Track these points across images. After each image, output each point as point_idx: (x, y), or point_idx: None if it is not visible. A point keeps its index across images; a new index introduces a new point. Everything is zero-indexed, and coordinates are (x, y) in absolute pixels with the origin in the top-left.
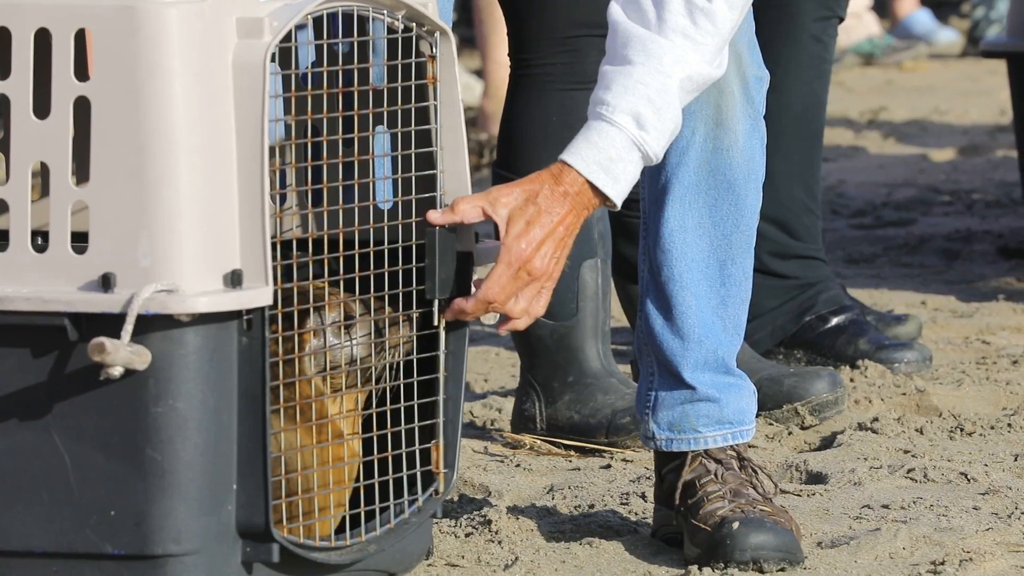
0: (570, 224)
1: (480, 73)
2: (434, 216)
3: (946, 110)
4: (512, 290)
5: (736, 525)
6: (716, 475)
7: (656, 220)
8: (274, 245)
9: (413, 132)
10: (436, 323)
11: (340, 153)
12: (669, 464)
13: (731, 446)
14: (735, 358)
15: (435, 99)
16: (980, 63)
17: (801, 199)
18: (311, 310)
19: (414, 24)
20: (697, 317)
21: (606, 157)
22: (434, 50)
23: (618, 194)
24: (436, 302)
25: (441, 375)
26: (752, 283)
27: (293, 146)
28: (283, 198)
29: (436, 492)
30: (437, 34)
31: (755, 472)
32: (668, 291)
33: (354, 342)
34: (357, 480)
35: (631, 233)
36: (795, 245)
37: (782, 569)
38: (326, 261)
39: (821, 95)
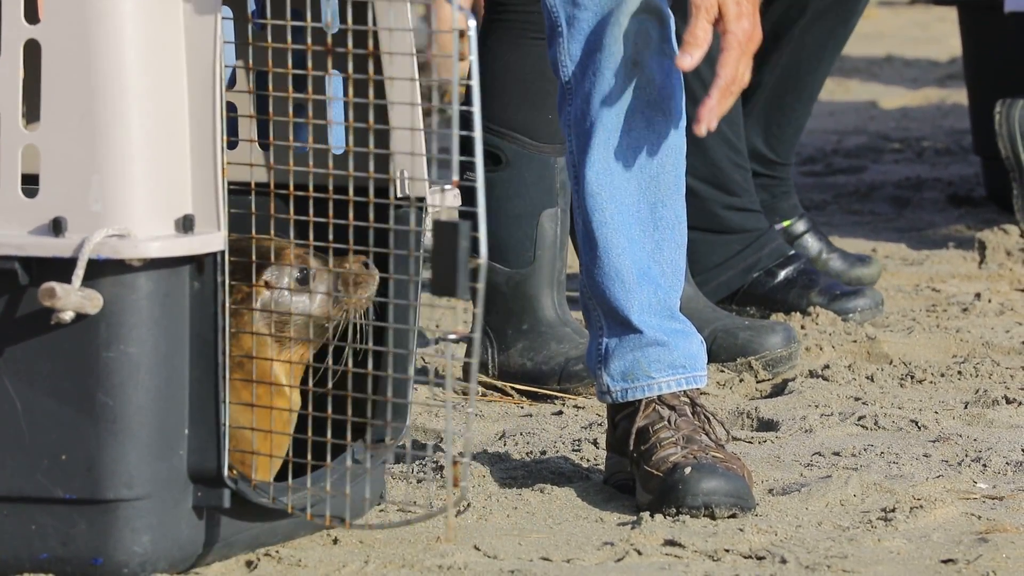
0: None
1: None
2: (685, 61)
3: (896, 57)
4: (742, 66)
5: (688, 471)
6: (669, 421)
7: (583, 165)
8: (229, 191)
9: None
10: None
11: (290, 94)
12: (622, 412)
13: (684, 392)
14: (679, 304)
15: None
16: (930, 10)
17: (727, 155)
18: (267, 263)
19: None
20: (633, 260)
21: None
22: None
23: None
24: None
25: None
26: (688, 238)
27: (251, 94)
28: (232, 145)
29: (388, 439)
30: None
31: (708, 419)
32: (601, 236)
33: (311, 299)
34: (297, 431)
35: None
36: (729, 200)
37: (733, 515)
38: (272, 203)
39: None
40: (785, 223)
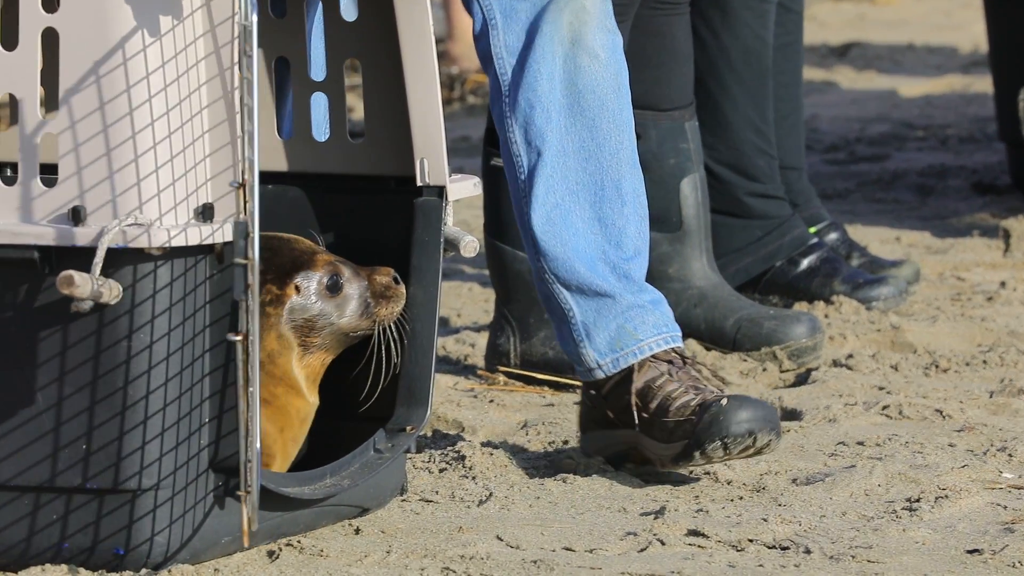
0: None
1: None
2: None
3: (920, 44)
4: None
5: (725, 402)
6: (670, 374)
7: (529, 155)
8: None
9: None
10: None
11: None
12: (610, 383)
13: (672, 348)
14: (644, 274)
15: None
16: None
17: (752, 141)
18: (299, 268)
19: None
20: (593, 240)
21: None
22: None
23: None
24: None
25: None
26: (712, 220)
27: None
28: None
29: (410, 428)
30: None
31: (701, 369)
32: (560, 220)
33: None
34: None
35: None
36: (752, 186)
37: (768, 442)
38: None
39: (763, 35)
40: (811, 230)
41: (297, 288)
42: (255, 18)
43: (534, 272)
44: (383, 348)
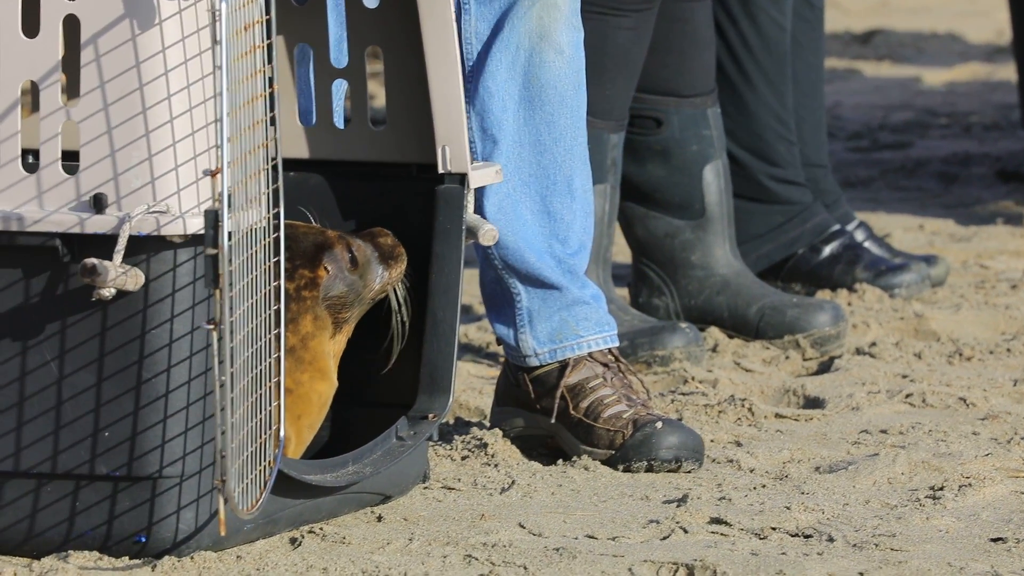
0: None
1: None
2: None
3: (943, 31)
4: None
5: (660, 425)
6: (605, 378)
7: (486, 144)
8: (274, 168)
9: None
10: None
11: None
12: (541, 370)
13: (609, 349)
14: (585, 268)
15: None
16: None
17: (772, 127)
18: (323, 249)
19: None
20: (540, 233)
21: None
22: None
23: None
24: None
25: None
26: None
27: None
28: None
29: (432, 416)
30: None
31: (633, 374)
32: (512, 212)
33: (364, 279)
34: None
35: (629, 150)
36: (773, 170)
37: (691, 470)
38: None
39: (782, 21)
40: None
41: (326, 269)
42: (224, 7)
43: (481, 256)
44: (398, 310)
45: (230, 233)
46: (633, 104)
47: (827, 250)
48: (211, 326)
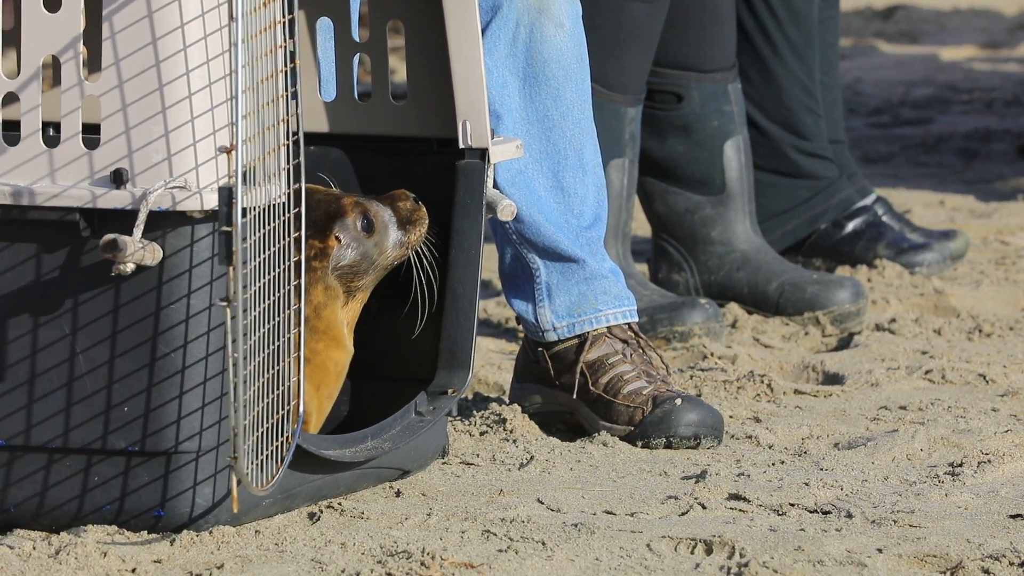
0: None
1: None
2: None
3: (964, 7)
4: None
5: (679, 402)
6: (625, 355)
7: (494, 117)
8: (295, 143)
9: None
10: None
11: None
12: (560, 346)
13: (628, 324)
14: (602, 243)
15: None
16: None
17: (800, 99)
18: (335, 218)
19: None
20: (556, 208)
21: None
22: None
23: None
24: None
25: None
26: (756, 179)
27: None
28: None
29: (451, 391)
30: None
31: (652, 350)
32: (525, 187)
33: (379, 246)
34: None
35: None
36: (800, 143)
37: (708, 448)
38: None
39: None
40: None
41: (338, 238)
42: None
43: (499, 233)
44: (421, 273)
45: (245, 210)
46: (653, 79)
47: (850, 226)
48: (225, 303)
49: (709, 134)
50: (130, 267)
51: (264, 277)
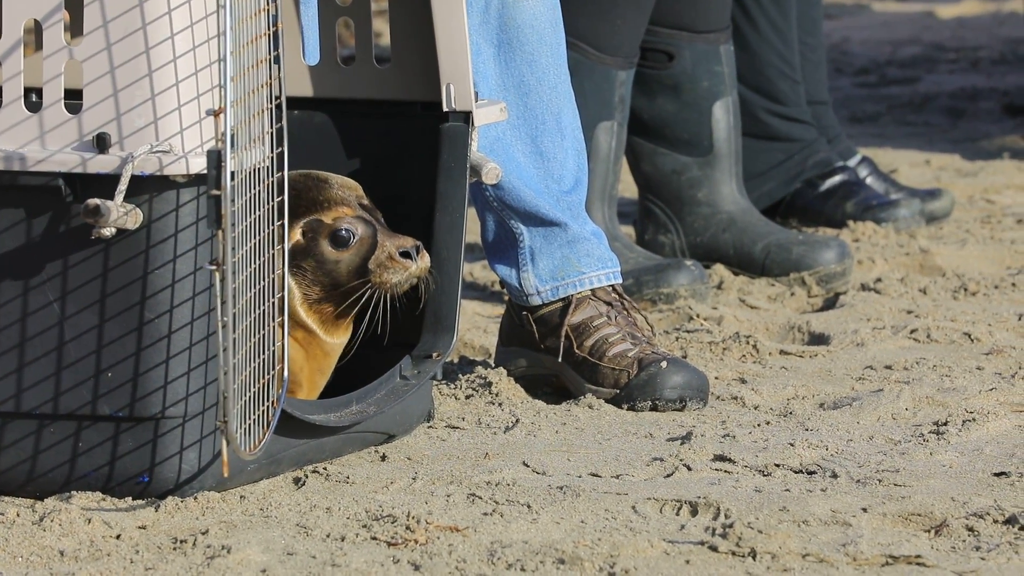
0: None
1: None
2: None
3: None
4: None
5: (664, 365)
6: (609, 317)
7: (480, 85)
8: (278, 107)
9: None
10: None
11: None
12: (544, 309)
13: (611, 286)
14: (584, 207)
15: None
16: None
17: (775, 64)
18: (311, 213)
19: None
20: (535, 173)
21: None
22: None
23: None
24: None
25: None
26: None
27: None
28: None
29: (436, 355)
30: None
31: (637, 311)
32: (504, 152)
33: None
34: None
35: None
36: (774, 107)
37: (694, 410)
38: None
39: None
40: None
41: (303, 234)
42: None
43: (480, 200)
44: (373, 308)
45: (232, 173)
46: (646, 37)
47: (825, 185)
48: (213, 267)
49: (699, 94)
50: (110, 231)
51: (249, 242)
